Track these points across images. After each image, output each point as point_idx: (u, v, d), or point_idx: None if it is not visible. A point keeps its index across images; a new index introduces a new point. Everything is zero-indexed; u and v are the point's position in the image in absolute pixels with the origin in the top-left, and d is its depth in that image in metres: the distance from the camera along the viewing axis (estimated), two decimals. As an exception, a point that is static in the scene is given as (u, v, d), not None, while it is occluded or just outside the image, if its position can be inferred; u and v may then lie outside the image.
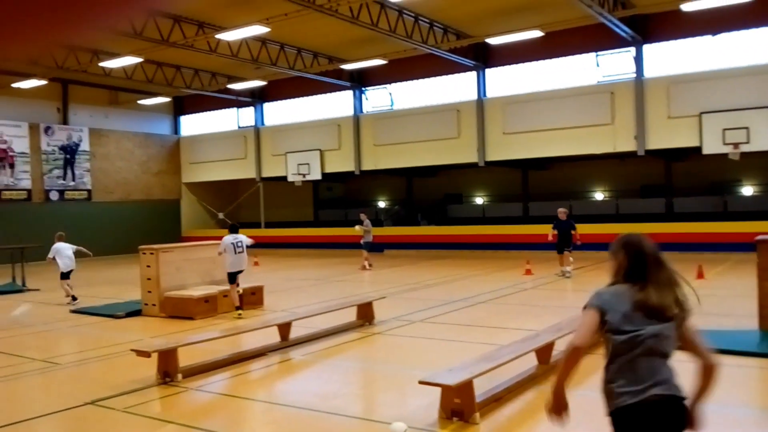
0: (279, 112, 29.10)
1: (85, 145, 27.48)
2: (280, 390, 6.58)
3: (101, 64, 21.63)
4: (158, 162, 30.42)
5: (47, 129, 26.29)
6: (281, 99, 28.71)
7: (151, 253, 11.43)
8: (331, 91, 26.68)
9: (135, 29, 17.96)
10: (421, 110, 24.53)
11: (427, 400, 5.66)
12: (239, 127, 30.13)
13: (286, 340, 8.42)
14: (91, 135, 27.76)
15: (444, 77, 24.38)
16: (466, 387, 5.30)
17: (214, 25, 18.98)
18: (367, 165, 25.79)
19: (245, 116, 29.96)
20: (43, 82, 23.82)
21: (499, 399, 5.80)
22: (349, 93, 26.28)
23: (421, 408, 5.64)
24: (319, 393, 6.27)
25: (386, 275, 17.45)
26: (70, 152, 27.01)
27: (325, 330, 9.17)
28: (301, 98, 28.09)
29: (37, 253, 20.17)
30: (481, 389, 5.66)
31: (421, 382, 5.37)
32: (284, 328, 8.45)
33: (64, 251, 13.34)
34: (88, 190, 27.52)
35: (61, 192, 26.68)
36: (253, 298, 11.87)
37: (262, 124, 29.31)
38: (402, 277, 16.92)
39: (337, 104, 26.97)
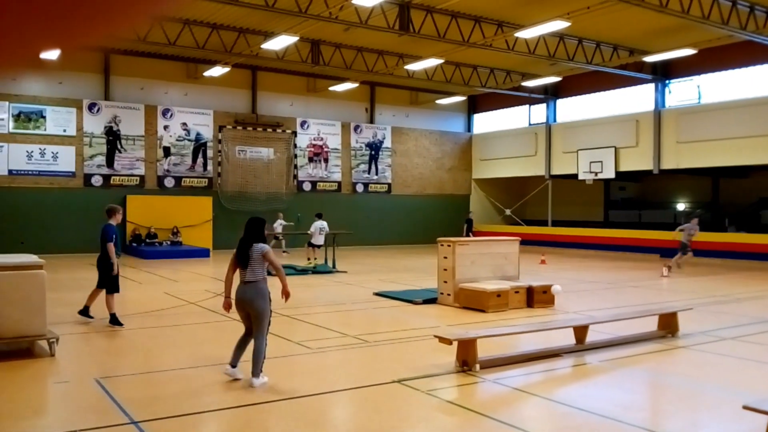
0: (572, 108, 28.38)
1: (387, 143, 29.81)
2: (579, 394, 6.37)
3: (406, 66, 23.19)
4: (451, 158, 31.76)
5: (356, 127, 29.03)
6: (575, 95, 27.96)
7: (449, 245, 11.92)
8: (629, 85, 25.26)
9: (439, 32, 18.90)
10: (734, 104, 21.99)
11: (747, 426, 5.05)
12: (530, 124, 30.06)
13: (582, 344, 8.15)
14: (393, 133, 30.00)
15: (764, 66, 21.54)
16: (806, 421, 4.58)
17: (514, 24, 19.14)
18: (668, 164, 23.92)
19: (537, 113, 29.78)
20: (355, 85, 26.28)
21: None
22: (650, 86, 24.60)
23: (743, 436, 5.03)
24: (621, 403, 5.94)
25: (688, 285, 16.00)
26: (374, 149, 29.51)
27: (623, 337, 8.68)
28: (595, 93, 27.06)
29: (346, 238, 22.46)
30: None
31: (745, 407, 4.78)
32: (581, 331, 8.19)
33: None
34: (388, 184, 29.80)
35: (366, 185, 29.27)
36: (544, 297, 11.74)
37: (554, 120, 28.87)
38: (706, 288, 15.37)
39: (636, 99, 25.44)
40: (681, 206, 28.40)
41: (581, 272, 18.86)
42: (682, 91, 23.96)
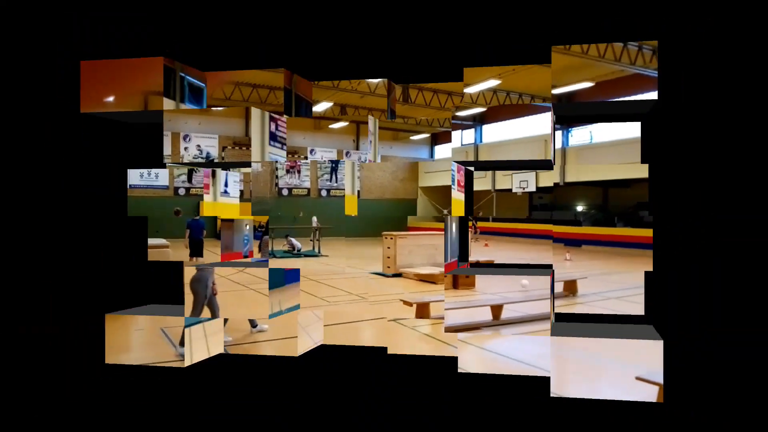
0: (496, 132, 30.49)
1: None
2: (502, 347, 8.70)
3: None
4: (403, 171, 33.58)
5: (347, 153, 30.75)
6: (499, 120, 30.08)
7: (391, 238, 13.73)
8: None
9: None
10: (618, 142, 24.38)
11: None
12: (462, 145, 32.20)
13: (497, 320, 10.14)
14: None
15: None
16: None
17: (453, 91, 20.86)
18: (570, 178, 26.27)
19: (467, 136, 31.81)
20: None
21: None
22: (558, 132, 26.77)
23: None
24: (535, 353, 8.24)
25: (584, 266, 17.64)
26: (335, 163, 31.38)
27: (533, 315, 9.92)
28: (517, 119, 29.23)
29: (328, 231, 24.06)
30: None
31: (638, 379, 5.42)
32: (497, 309, 10.19)
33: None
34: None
35: (328, 191, 31.10)
36: (466, 281, 13.18)
37: (480, 141, 31.07)
38: (598, 266, 16.75)
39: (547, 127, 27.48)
40: (579, 208, 31.01)
41: (507, 255, 20.58)
42: (579, 136, 26.29)
